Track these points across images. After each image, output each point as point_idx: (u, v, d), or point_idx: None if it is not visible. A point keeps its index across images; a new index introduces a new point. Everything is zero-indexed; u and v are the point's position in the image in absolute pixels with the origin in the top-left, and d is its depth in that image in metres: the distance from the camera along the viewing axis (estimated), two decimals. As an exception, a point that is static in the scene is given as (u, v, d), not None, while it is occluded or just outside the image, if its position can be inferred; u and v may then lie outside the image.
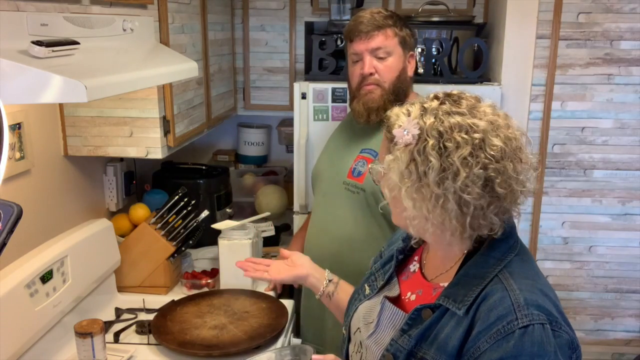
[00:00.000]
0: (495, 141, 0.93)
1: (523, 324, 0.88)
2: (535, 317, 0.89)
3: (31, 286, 1.50)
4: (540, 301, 0.92)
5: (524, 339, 0.87)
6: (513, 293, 0.92)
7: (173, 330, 1.74)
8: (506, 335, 0.88)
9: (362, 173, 1.70)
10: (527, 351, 0.87)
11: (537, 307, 0.91)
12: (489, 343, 0.89)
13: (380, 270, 1.20)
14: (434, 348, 0.96)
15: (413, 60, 1.75)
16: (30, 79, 1.06)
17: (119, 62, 1.45)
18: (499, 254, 0.98)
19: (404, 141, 0.95)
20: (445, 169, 0.91)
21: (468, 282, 0.97)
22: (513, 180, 0.94)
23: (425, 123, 0.94)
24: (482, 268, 0.97)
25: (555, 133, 2.44)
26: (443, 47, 2.35)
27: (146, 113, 1.81)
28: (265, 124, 2.99)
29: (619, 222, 2.51)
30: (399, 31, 1.70)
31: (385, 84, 1.69)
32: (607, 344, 2.63)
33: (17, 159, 1.58)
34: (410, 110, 0.98)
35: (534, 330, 0.88)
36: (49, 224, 1.75)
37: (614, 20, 2.33)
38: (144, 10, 1.73)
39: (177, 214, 2.05)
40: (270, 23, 2.66)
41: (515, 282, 0.94)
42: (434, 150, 0.92)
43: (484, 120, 0.94)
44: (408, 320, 1.01)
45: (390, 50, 1.69)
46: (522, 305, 0.90)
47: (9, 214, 0.87)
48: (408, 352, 0.99)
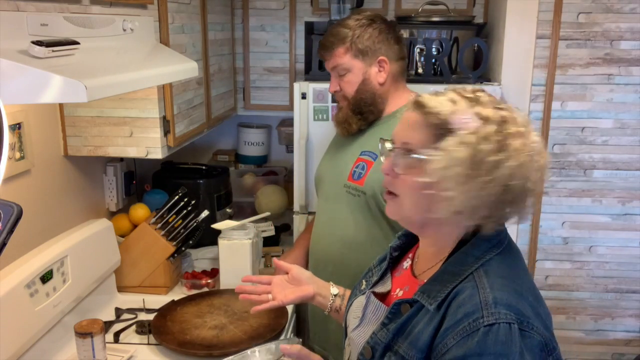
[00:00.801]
0: (534, 135, 0.99)
1: (488, 322, 0.88)
2: (502, 316, 0.89)
3: (31, 286, 1.50)
4: (511, 301, 0.91)
5: (488, 337, 0.87)
6: (483, 291, 0.92)
7: (173, 330, 1.75)
8: (471, 332, 0.88)
9: (363, 176, 1.70)
10: (490, 349, 0.87)
11: (507, 307, 0.90)
12: (455, 340, 0.90)
13: (377, 266, 1.22)
14: (407, 342, 0.97)
15: (384, 64, 1.70)
16: (30, 79, 1.06)
17: (119, 62, 1.45)
18: (479, 252, 0.98)
19: (468, 128, 0.95)
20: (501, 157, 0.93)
21: (444, 279, 0.98)
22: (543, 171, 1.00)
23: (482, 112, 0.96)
24: (460, 265, 0.98)
25: (555, 133, 2.44)
26: (443, 47, 2.35)
27: (146, 113, 1.81)
28: (265, 124, 2.99)
29: (619, 222, 2.51)
30: (351, 46, 1.70)
31: (349, 97, 1.74)
32: (607, 344, 2.63)
33: (17, 159, 1.58)
34: (452, 99, 0.99)
35: (499, 329, 0.88)
36: (49, 224, 1.75)
37: (614, 20, 2.33)
38: (144, 10, 1.73)
39: (177, 214, 2.05)
40: (270, 23, 2.66)
41: (488, 280, 0.94)
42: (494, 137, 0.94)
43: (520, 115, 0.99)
44: (388, 315, 1.03)
45: (346, 67, 1.72)
46: (490, 303, 0.90)
47: (9, 214, 0.88)
48: (385, 346, 1.00)
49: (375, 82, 1.71)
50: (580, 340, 2.64)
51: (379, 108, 1.73)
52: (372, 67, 1.71)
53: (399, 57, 1.74)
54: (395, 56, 1.73)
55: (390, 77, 1.72)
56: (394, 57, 1.72)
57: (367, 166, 1.70)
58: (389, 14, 2.61)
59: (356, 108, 1.73)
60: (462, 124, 0.95)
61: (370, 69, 1.71)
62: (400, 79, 1.77)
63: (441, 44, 2.36)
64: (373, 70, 1.71)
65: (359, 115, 1.74)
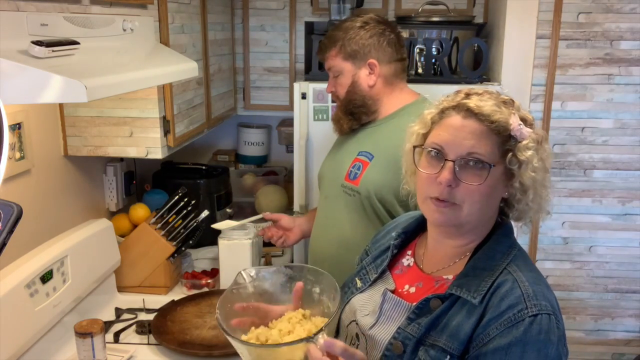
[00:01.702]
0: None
1: (532, 313, 0.94)
2: (543, 307, 0.95)
3: (31, 286, 1.50)
4: (546, 293, 0.98)
5: (533, 327, 0.93)
6: (522, 284, 0.98)
7: (173, 330, 1.75)
8: (516, 322, 0.93)
9: (358, 176, 1.71)
10: (534, 338, 0.92)
11: (545, 299, 0.97)
12: (499, 330, 0.94)
13: (371, 264, 1.22)
14: (446, 335, 0.99)
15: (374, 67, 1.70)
16: (30, 79, 1.06)
17: (119, 62, 1.45)
18: (504, 248, 1.05)
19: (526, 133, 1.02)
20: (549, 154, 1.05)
21: (479, 274, 1.02)
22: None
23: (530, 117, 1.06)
24: (490, 261, 1.03)
25: (556, 133, 2.44)
26: (443, 47, 2.35)
27: (146, 113, 1.81)
28: (265, 124, 2.98)
29: (619, 222, 2.51)
30: (341, 48, 1.72)
31: (341, 98, 1.78)
32: (607, 344, 2.63)
33: (17, 159, 1.58)
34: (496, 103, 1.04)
35: (542, 320, 0.94)
36: (49, 224, 1.75)
37: (614, 20, 2.33)
38: (144, 10, 1.73)
39: (177, 214, 2.05)
40: (270, 23, 2.66)
41: (523, 274, 1.00)
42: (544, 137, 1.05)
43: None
44: (415, 310, 1.04)
45: (338, 69, 1.75)
46: (531, 295, 0.96)
47: (9, 214, 0.87)
48: (417, 340, 1.02)
49: (364, 84, 1.72)
50: (580, 340, 2.64)
51: (372, 110, 1.74)
52: (361, 69, 1.72)
53: (392, 59, 1.73)
54: (388, 59, 1.72)
55: (381, 80, 1.72)
56: (385, 60, 1.72)
57: (363, 166, 1.71)
58: (389, 14, 2.61)
59: (346, 109, 1.76)
60: (520, 132, 1.01)
61: (359, 72, 1.72)
62: (396, 80, 1.76)
63: (441, 44, 2.36)
64: (363, 73, 1.72)
65: (349, 116, 1.76)
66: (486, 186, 1.00)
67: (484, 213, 1.04)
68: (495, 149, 1.01)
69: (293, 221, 1.99)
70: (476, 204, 1.01)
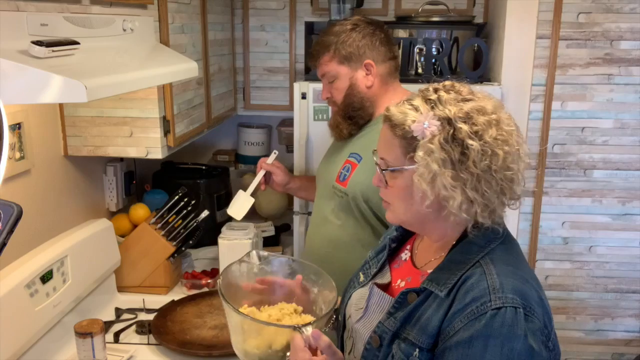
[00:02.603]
0: (505, 119, 1.00)
1: (495, 306, 0.92)
2: (508, 301, 0.92)
3: (31, 286, 1.50)
4: (517, 286, 0.95)
5: (495, 320, 0.91)
6: (490, 277, 0.96)
7: (173, 330, 1.75)
8: (479, 315, 0.92)
9: (347, 177, 1.72)
10: (496, 332, 0.90)
11: (513, 292, 0.94)
12: (462, 322, 0.93)
13: (374, 258, 1.23)
14: (416, 329, 0.99)
15: (370, 67, 1.70)
16: (30, 79, 1.06)
17: (119, 62, 1.45)
18: (483, 242, 1.02)
19: (429, 133, 0.98)
20: (484, 151, 0.96)
21: (452, 267, 1.01)
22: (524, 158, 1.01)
23: (444, 112, 0.98)
24: (466, 254, 1.01)
25: (555, 133, 2.44)
26: (443, 47, 2.35)
27: (146, 113, 1.81)
28: (265, 124, 2.98)
29: (619, 222, 2.50)
30: (335, 52, 1.70)
31: (338, 103, 1.76)
32: (607, 344, 2.63)
33: (17, 159, 1.58)
34: (415, 105, 1.02)
35: (506, 313, 0.91)
36: (49, 224, 1.75)
37: (614, 20, 2.33)
38: (144, 10, 1.73)
39: (177, 214, 2.05)
40: (270, 23, 2.66)
41: (495, 267, 0.98)
42: (469, 134, 0.96)
43: (488, 102, 1.01)
44: (395, 304, 1.05)
45: (333, 74, 1.73)
46: (497, 288, 0.94)
47: (9, 214, 0.88)
48: (393, 334, 1.02)
49: (362, 85, 1.71)
50: (580, 340, 2.64)
51: (368, 112, 1.74)
52: (358, 71, 1.71)
53: (386, 58, 1.73)
54: (382, 58, 1.72)
55: (378, 80, 1.72)
56: (380, 59, 1.71)
57: (352, 168, 1.72)
58: (389, 14, 2.61)
59: (345, 113, 1.75)
60: (421, 131, 0.98)
61: (356, 74, 1.71)
62: (391, 79, 1.75)
63: (441, 44, 2.36)
64: (360, 75, 1.71)
65: (349, 121, 1.75)
66: (398, 188, 1.04)
67: (416, 211, 1.03)
68: (399, 152, 1.02)
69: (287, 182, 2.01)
70: (399, 203, 1.06)
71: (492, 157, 0.96)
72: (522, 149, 1.01)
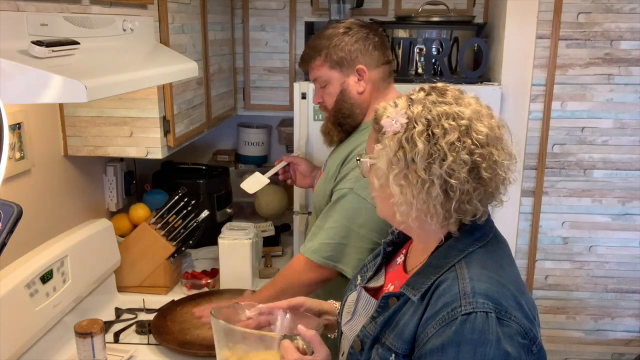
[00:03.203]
0: (481, 127, 0.97)
1: (466, 311, 0.90)
2: (479, 305, 0.90)
3: (31, 286, 1.50)
4: (490, 291, 0.93)
5: (465, 326, 0.89)
6: (463, 281, 0.94)
7: (173, 330, 1.75)
8: (449, 321, 0.90)
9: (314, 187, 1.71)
10: (467, 338, 0.88)
11: (485, 296, 0.91)
12: (434, 329, 0.92)
13: (372, 261, 1.23)
14: (394, 334, 0.99)
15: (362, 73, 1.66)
16: (30, 79, 1.06)
17: (119, 62, 1.45)
18: (462, 245, 1.00)
19: (392, 129, 0.99)
20: (432, 154, 0.95)
21: (428, 271, 1.00)
22: (498, 165, 0.98)
23: (413, 112, 0.98)
24: (443, 258, 1.00)
25: (555, 133, 2.44)
26: (443, 47, 2.35)
27: (146, 113, 1.81)
28: (265, 124, 2.98)
29: (619, 222, 2.50)
30: (327, 57, 1.66)
31: (329, 108, 1.73)
32: (607, 344, 2.63)
33: (17, 159, 1.58)
34: (397, 103, 1.03)
35: (476, 318, 0.89)
36: (49, 224, 1.75)
37: (614, 20, 2.33)
38: (144, 10, 1.73)
39: (177, 214, 2.05)
40: (270, 23, 2.66)
41: (469, 271, 0.96)
42: (421, 136, 0.96)
43: (469, 109, 0.99)
44: (377, 308, 1.05)
45: (325, 79, 1.69)
46: (468, 293, 0.92)
47: (9, 214, 0.88)
48: (374, 338, 1.02)
49: (354, 91, 1.66)
50: (580, 340, 2.64)
51: (358, 119, 1.69)
52: (350, 77, 1.66)
53: (379, 62, 1.68)
54: (376, 63, 1.67)
55: (370, 85, 1.67)
56: (373, 64, 1.66)
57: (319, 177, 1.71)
58: (389, 14, 2.61)
59: (335, 120, 1.71)
60: (388, 126, 0.99)
61: (348, 79, 1.66)
62: (384, 84, 1.70)
63: (441, 44, 2.36)
64: (352, 80, 1.66)
65: (338, 127, 1.71)
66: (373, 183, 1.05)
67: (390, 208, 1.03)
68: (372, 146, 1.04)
69: (311, 170, 2.01)
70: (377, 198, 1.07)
71: (442, 162, 0.94)
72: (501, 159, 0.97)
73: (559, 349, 2.65)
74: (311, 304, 1.26)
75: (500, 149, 0.98)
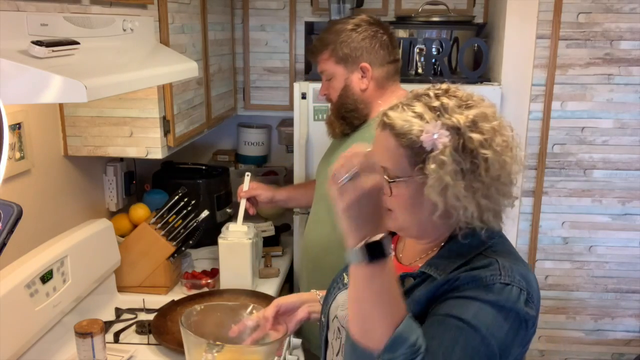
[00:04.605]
0: (505, 123, 1.01)
1: (505, 281, 0.94)
2: (516, 281, 0.95)
3: (31, 286, 1.50)
4: (523, 273, 0.98)
5: (502, 292, 0.93)
6: (500, 260, 0.98)
7: (173, 330, 1.74)
8: (487, 284, 0.94)
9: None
10: (501, 302, 0.93)
11: (521, 276, 0.97)
12: (469, 285, 0.95)
13: None
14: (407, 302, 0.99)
15: (366, 70, 1.69)
16: (30, 79, 1.06)
17: (119, 62, 1.45)
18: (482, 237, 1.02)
19: (441, 143, 0.96)
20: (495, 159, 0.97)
21: (452, 257, 1.02)
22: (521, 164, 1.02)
23: (455, 121, 0.97)
24: (467, 248, 1.02)
25: (555, 133, 2.44)
26: (443, 47, 2.35)
27: (146, 113, 1.81)
28: (265, 124, 2.98)
29: (619, 222, 2.51)
30: (333, 52, 1.70)
31: (333, 101, 1.77)
32: (607, 344, 2.63)
33: (17, 159, 1.58)
34: (418, 113, 0.99)
35: (512, 290, 0.94)
36: (49, 224, 1.75)
37: (614, 20, 2.33)
38: (144, 10, 1.73)
39: (177, 214, 2.05)
40: (270, 23, 2.66)
41: (499, 256, 1.00)
42: (481, 142, 0.96)
43: (487, 107, 1.01)
44: None
45: (330, 72, 1.74)
46: (507, 268, 0.97)
47: (9, 214, 0.88)
48: None
49: (357, 88, 1.70)
50: (580, 340, 2.64)
51: (363, 113, 1.73)
52: (354, 73, 1.70)
53: (385, 61, 1.71)
54: (380, 61, 1.70)
55: (373, 83, 1.70)
56: (378, 63, 1.69)
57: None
58: (389, 14, 2.61)
59: (339, 113, 1.75)
60: (432, 142, 0.96)
61: (352, 75, 1.70)
62: (389, 82, 1.73)
63: (441, 44, 2.36)
64: (355, 77, 1.70)
65: (341, 120, 1.75)
66: (404, 197, 1.01)
67: (420, 219, 1.03)
68: (406, 163, 0.99)
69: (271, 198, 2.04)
70: (404, 212, 1.03)
71: (502, 164, 0.97)
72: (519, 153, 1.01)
73: (559, 349, 2.65)
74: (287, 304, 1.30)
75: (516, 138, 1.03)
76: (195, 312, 1.29)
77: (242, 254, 2.03)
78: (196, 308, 1.31)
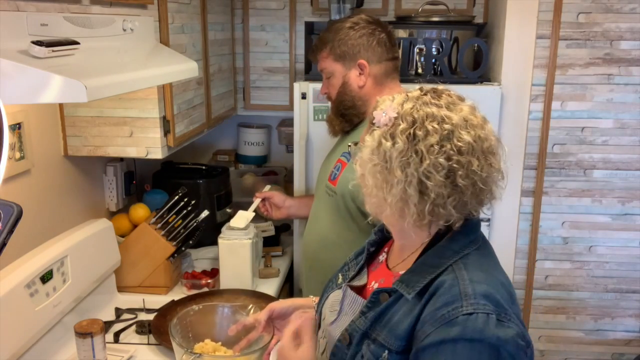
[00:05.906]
0: (465, 135, 0.97)
1: (467, 312, 0.91)
2: (480, 307, 0.91)
3: (31, 286, 1.50)
4: (490, 293, 0.94)
5: (466, 326, 0.90)
6: (463, 282, 0.95)
7: (173, 330, 1.74)
8: (450, 320, 0.91)
9: (337, 176, 1.74)
10: (466, 337, 0.89)
11: (485, 298, 0.93)
12: (433, 327, 0.92)
13: (353, 260, 1.24)
14: (386, 330, 0.99)
15: (364, 67, 1.71)
16: (30, 79, 1.06)
17: (119, 62, 1.45)
18: (458, 246, 1.01)
19: (381, 123, 1.01)
20: (410, 154, 0.96)
21: (423, 270, 1.00)
22: (477, 177, 0.97)
23: (403, 109, 1.00)
24: (438, 258, 1.01)
25: (555, 133, 2.44)
26: (443, 47, 2.35)
27: (146, 113, 1.81)
28: (265, 124, 2.99)
29: (619, 222, 2.50)
30: (331, 50, 1.74)
31: (333, 99, 1.80)
32: (607, 344, 2.63)
33: (17, 159, 1.58)
34: (395, 98, 1.04)
35: (477, 318, 0.90)
36: (49, 224, 1.75)
37: (614, 20, 2.33)
38: (144, 10, 1.73)
39: (177, 214, 2.05)
40: (270, 23, 2.66)
41: (467, 273, 0.97)
42: (403, 134, 0.97)
43: (458, 115, 0.99)
44: (368, 304, 1.05)
45: (330, 70, 1.77)
46: (469, 294, 0.93)
47: (9, 214, 0.88)
48: (363, 333, 1.02)
49: (355, 85, 1.73)
50: (580, 340, 2.63)
51: (361, 110, 1.75)
52: (351, 70, 1.73)
53: (382, 58, 1.72)
54: (378, 58, 1.72)
55: (371, 80, 1.72)
56: (375, 60, 1.72)
57: (342, 167, 1.73)
58: (389, 14, 2.61)
59: (338, 111, 1.78)
60: (378, 118, 1.01)
61: (350, 72, 1.73)
62: (387, 80, 1.75)
63: (441, 44, 2.36)
64: (353, 74, 1.73)
65: (340, 118, 1.78)
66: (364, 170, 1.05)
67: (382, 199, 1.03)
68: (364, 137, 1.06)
69: (283, 201, 2.11)
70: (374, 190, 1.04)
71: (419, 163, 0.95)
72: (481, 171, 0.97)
73: (559, 349, 2.65)
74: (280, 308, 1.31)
75: (484, 161, 0.98)
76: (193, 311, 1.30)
77: (242, 254, 2.03)
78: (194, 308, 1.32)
